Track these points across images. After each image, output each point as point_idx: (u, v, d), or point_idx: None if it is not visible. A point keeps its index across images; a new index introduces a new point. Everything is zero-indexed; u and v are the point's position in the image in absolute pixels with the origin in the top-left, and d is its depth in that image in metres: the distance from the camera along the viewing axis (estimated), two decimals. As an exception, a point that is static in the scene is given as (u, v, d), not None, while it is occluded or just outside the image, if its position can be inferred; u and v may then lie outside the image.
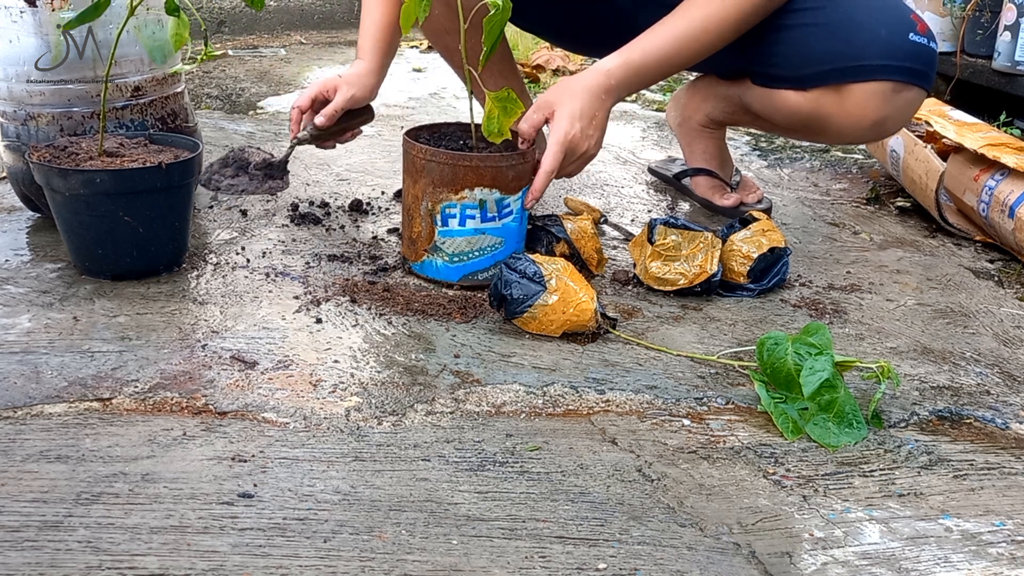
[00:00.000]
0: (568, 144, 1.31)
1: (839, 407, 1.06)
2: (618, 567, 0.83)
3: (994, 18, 2.29)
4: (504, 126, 1.24)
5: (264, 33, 3.38)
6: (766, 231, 1.40)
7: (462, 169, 1.27)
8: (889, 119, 1.43)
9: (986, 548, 0.88)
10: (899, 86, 1.39)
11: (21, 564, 0.79)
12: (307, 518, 0.87)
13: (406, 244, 1.38)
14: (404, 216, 1.37)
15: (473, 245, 1.32)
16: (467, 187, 1.28)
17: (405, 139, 1.33)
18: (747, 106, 1.62)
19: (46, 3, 1.38)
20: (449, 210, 1.29)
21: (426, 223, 1.32)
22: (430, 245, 1.33)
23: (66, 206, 1.30)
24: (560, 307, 1.21)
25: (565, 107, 1.32)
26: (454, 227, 1.30)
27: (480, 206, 1.29)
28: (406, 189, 1.34)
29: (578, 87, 1.33)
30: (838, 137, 1.52)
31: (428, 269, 1.35)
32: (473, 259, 1.33)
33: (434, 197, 1.29)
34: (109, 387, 1.07)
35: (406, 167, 1.34)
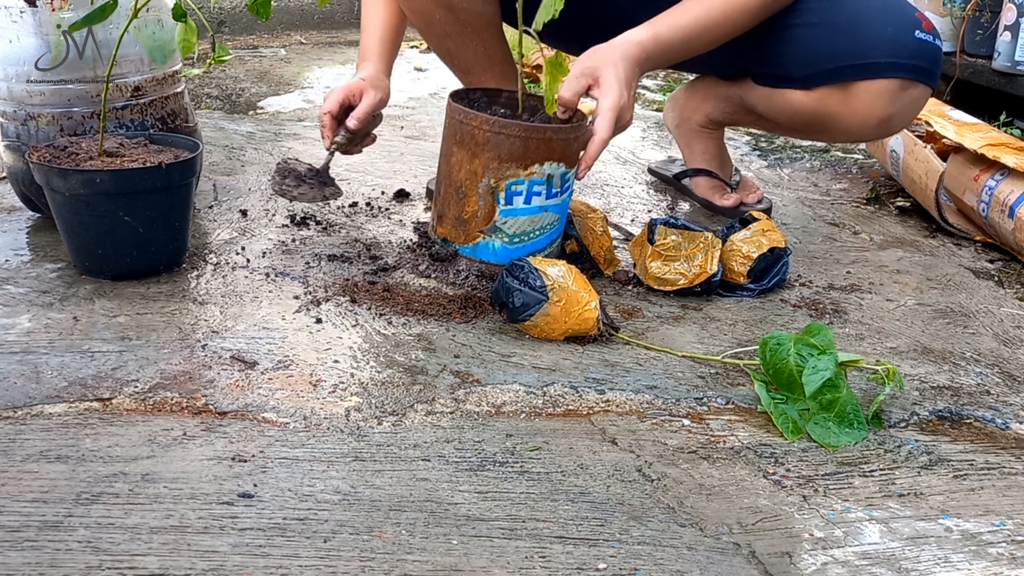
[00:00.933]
0: (618, 111, 1.25)
1: (840, 407, 1.06)
2: (618, 567, 0.83)
3: (994, 18, 2.29)
4: (554, 92, 1.18)
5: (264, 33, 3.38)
6: (766, 231, 1.40)
7: (534, 142, 1.19)
8: (895, 117, 1.44)
9: (986, 548, 0.88)
10: (906, 84, 1.39)
11: (21, 564, 0.79)
12: (307, 518, 0.87)
13: (451, 225, 1.28)
14: (448, 195, 1.27)
15: (535, 224, 1.24)
16: (537, 161, 1.20)
17: (462, 110, 1.22)
18: (749, 106, 1.62)
19: (46, 3, 1.38)
20: (515, 187, 1.21)
21: (485, 202, 1.22)
22: (488, 226, 1.24)
23: (66, 206, 1.30)
24: (562, 316, 1.20)
25: (610, 73, 1.26)
26: (518, 205, 1.22)
27: (547, 182, 1.21)
28: (457, 165, 1.24)
29: (617, 54, 1.29)
30: (843, 136, 1.52)
31: (483, 252, 1.27)
32: (533, 239, 1.26)
33: (499, 173, 1.20)
34: (109, 387, 1.07)
35: (460, 140, 1.23)
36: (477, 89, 1.36)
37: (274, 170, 1.48)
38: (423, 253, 1.47)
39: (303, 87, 2.65)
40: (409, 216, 1.65)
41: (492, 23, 1.63)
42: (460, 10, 1.55)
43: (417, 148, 2.10)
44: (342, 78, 2.74)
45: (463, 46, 1.65)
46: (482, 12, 1.59)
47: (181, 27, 1.24)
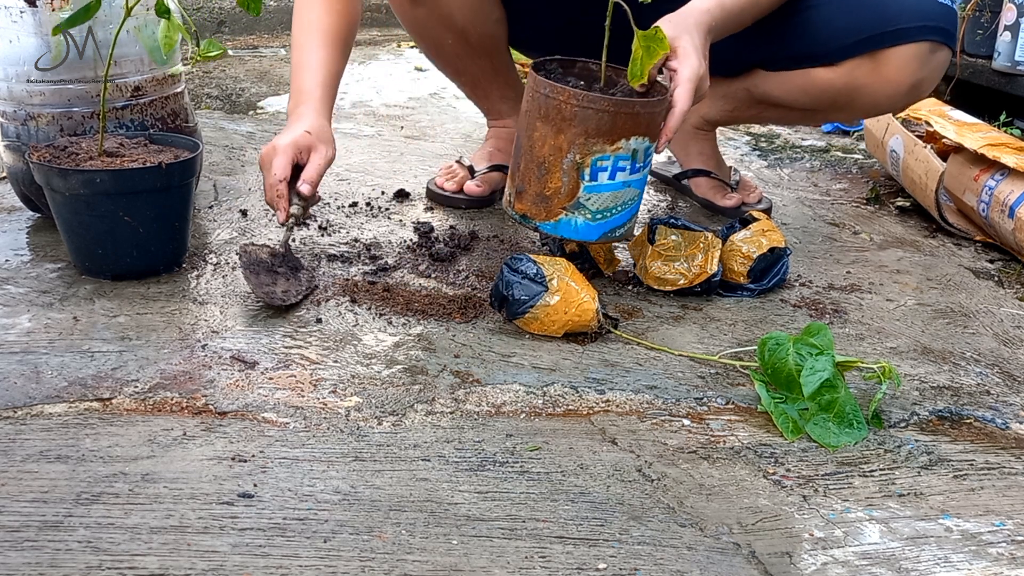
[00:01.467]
0: (698, 80, 1.22)
1: (839, 407, 1.06)
2: (618, 567, 0.83)
3: (994, 18, 2.29)
4: (645, 68, 1.15)
5: (264, 33, 3.38)
6: (766, 231, 1.40)
7: (622, 117, 1.15)
8: (925, 81, 1.45)
9: (986, 548, 0.88)
10: (934, 46, 1.41)
11: (21, 564, 0.79)
12: (307, 518, 0.87)
13: (531, 202, 1.24)
14: (529, 170, 1.23)
15: (618, 200, 1.21)
16: (624, 136, 1.17)
17: (547, 84, 1.18)
18: (761, 97, 1.61)
19: (46, 3, 1.38)
20: (601, 163, 1.18)
21: (569, 178, 1.19)
22: (571, 202, 1.21)
23: (66, 206, 1.30)
24: (562, 307, 1.21)
25: (687, 41, 1.23)
26: (603, 181, 1.19)
27: (632, 156, 1.19)
28: (540, 140, 1.20)
29: (691, 22, 1.26)
30: (869, 108, 1.52)
31: (564, 228, 1.24)
32: (615, 215, 1.23)
33: (585, 148, 1.17)
34: (109, 387, 1.07)
35: (545, 115, 1.19)
36: (552, 59, 1.30)
37: (241, 266, 1.29)
38: (423, 253, 1.47)
39: (303, 87, 2.65)
40: (409, 216, 1.65)
41: (502, 42, 1.64)
42: (472, 35, 1.56)
43: (417, 148, 2.10)
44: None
45: (471, 65, 1.65)
46: (493, 35, 1.60)
47: (164, 24, 1.23)
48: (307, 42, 1.40)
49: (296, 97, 1.38)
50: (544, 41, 1.67)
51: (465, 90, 1.76)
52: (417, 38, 1.63)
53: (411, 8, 1.53)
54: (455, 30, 1.55)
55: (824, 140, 2.34)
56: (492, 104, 1.76)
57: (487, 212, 1.70)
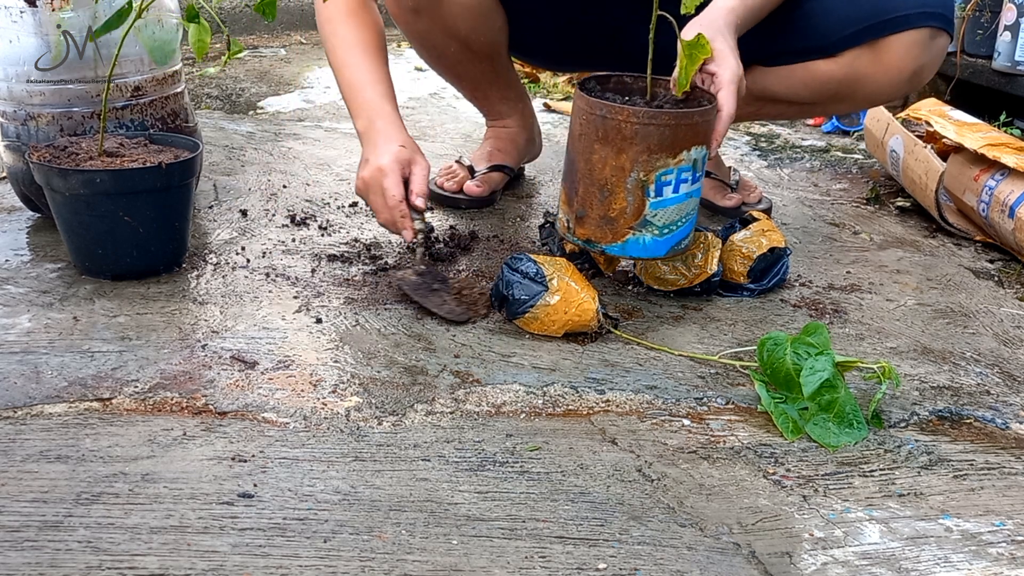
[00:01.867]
0: (739, 81, 1.22)
1: (839, 407, 1.06)
2: (618, 567, 0.83)
3: (994, 18, 2.29)
4: (689, 75, 1.15)
5: (264, 33, 3.38)
6: (766, 231, 1.40)
7: (683, 128, 1.14)
8: (926, 68, 1.45)
9: (986, 548, 0.88)
10: (935, 32, 1.41)
11: (21, 564, 0.79)
12: (307, 518, 0.87)
13: (595, 225, 1.22)
14: (590, 194, 1.21)
15: (682, 212, 1.20)
16: (685, 148, 1.16)
17: (604, 104, 1.16)
18: (760, 93, 1.61)
19: (46, 3, 1.38)
20: (665, 177, 1.17)
21: (634, 197, 1.18)
22: (638, 221, 1.19)
23: (66, 206, 1.30)
24: (562, 307, 1.21)
25: (722, 43, 1.22)
26: (668, 196, 1.18)
27: (693, 167, 1.18)
28: (600, 162, 1.18)
29: (721, 23, 1.25)
30: (870, 98, 1.52)
31: (633, 248, 1.22)
32: (679, 228, 1.22)
33: (649, 165, 1.15)
34: (109, 387, 1.07)
35: (603, 136, 1.17)
36: (590, 78, 1.28)
37: (410, 293, 1.28)
38: (423, 253, 1.47)
39: (303, 87, 2.65)
40: (409, 216, 1.65)
41: (503, 47, 1.64)
42: (474, 43, 1.56)
43: (417, 148, 2.10)
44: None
45: (472, 69, 1.65)
46: (495, 42, 1.60)
47: (195, 28, 1.23)
48: (353, 59, 1.40)
49: (366, 113, 1.37)
50: (544, 42, 1.67)
51: (465, 93, 1.76)
52: (418, 47, 1.63)
53: (414, 20, 1.52)
54: (458, 39, 1.54)
55: (824, 140, 2.34)
56: (492, 105, 1.76)
57: (487, 212, 1.70)
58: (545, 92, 2.79)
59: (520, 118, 1.77)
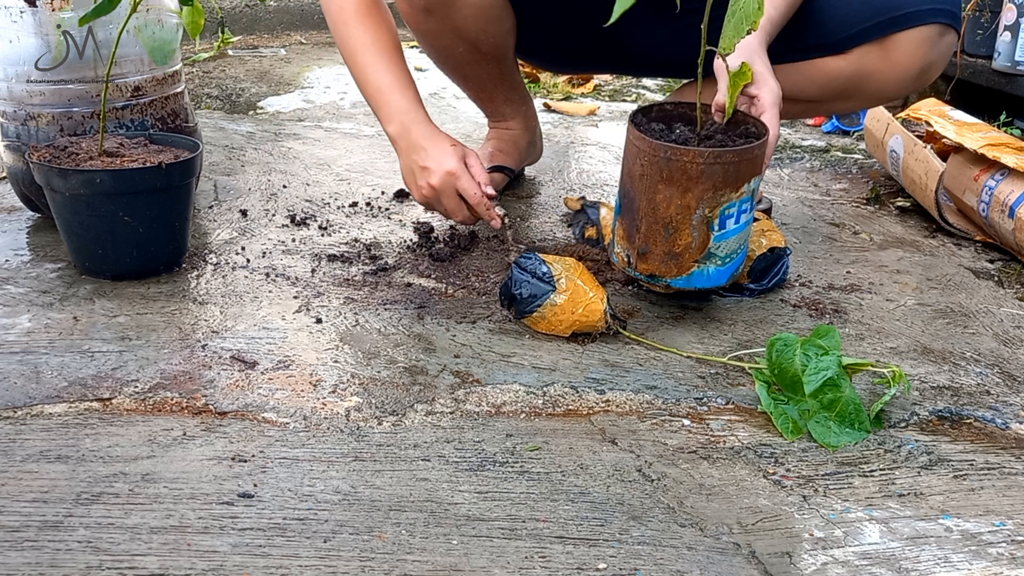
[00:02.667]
0: (779, 102, 1.23)
1: (841, 407, 1.06)
2: (618, 567, 0.83)
3: (994, 18, 2.29)
4: (733, 102, 1.16)
5: (264, 33, 3.38)
6: (766, 231, 1.40)
7: (746, 163, 1.16)
8: (934, 64, 1.45)
9: (986, 548, 0.88)
10: (943, 29, 1.41)
11: (21, 564, 0.79)
12: (307, 518, 0.87)
13: (659, 261, 1.22)
14: (654, 231, 1.21)
15: (741, 241, 1.22)
16: (746, 181, 1.17)
17: (667, 147, 1.16)
18: None
19: (46, 3, 1.38)
20: (729, 211, 1.18)
21: (699, 232, 1.18)
22: (703, 254, 1.20)
23: (66, 206, 1.30)
24: (569, 307, 1.21)
25: (761, 65, 1.23)
26: (731, 227, 1.19)
27: (751, 196, 1.19)
28: (664, 202, 1.18)
29: (756, 45, 1.25)
30: (877, 96, 1.52)
31: (698, 280, 1.23)
32: (739, 255, 1.24)
33: (714, 201, 1.17)
34: (109, 387, 1.07)
35: (668, 177, 1.17)
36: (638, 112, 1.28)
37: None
38: (423, 253, 1.47)
39: (303, 87, 2.65)
40: (409, 216, 1.65)
41: (511, 49, 1.64)
42: (483, 44, 1.56)
43: (417, 148, 2.10)
44: (342, 78, 2.74)
45: (479, 70, 1.66)
46: (504, 44, 1.60)
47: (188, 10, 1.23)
48: (375, 62, 1.40)
49: (399, 118, 1.38)
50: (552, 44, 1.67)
51: (470, 94, 1.76)
52: (427, 47, 1.63)
53: (424, 19, 1.52)
54: (467, 39, 1.54)
55: (824, 140, 2.34)
56: (496, 107, 1.77)
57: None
58: (545, 92, 2.79)
59: (523, 120, 1.77)
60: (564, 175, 1.95)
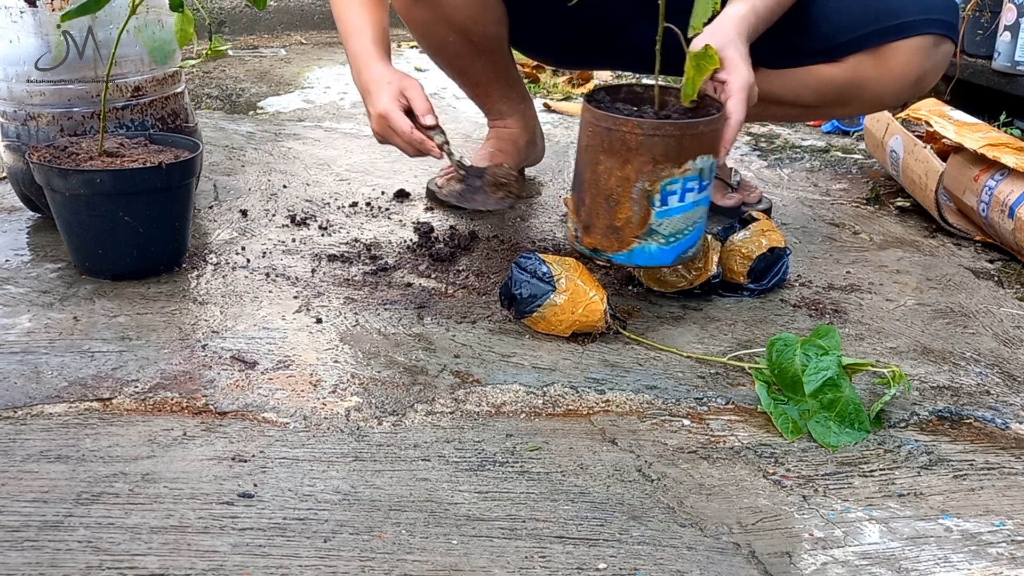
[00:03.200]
0: (749, 89, 1.22)
1: (841, 407, 1.06)
2: (618, 567, 0.83)
3: (994, 18, 2.29)
4: (697, 86, 1.15)
5: (264, 33, 3.38)
6: (766, 231, 1.40)
7: (688, 139, 1.14)
8: (929, 74, 1.45)
9: (986, 548, 0.88)
10: (938, 39, 1.41)
11: (21, 564, 0.79)
12: (307, 518, 0.87)
13: (600, 234, 1.22)
14: (597, 204, 1.21)
15: (688, 221, 1.21)
16: (690, 158, 1.15)
17: (608, 116, 1.16)
18: (764, 95, 1.59)
19: (46, 3, 1.38)
20: (671, 187, 1.17)
21: (639, 206, 1.17)
22: (643, 230, 1.19)
23: (66, 206, 1.30)
24: (569, 307, 1.21)
25: (733, 51, 1.23)
26: (673, 205, 1.18)
27: (700, 176, 1.18)
28: (606, 173, 1.18)
29: (733, 33, 1.25)
30: (873, 103, 1.52)
31: (639, 257, 1.22)
32: (686, 236, 1.22)
33: (654, 175, 1.15)
34: (109, 387, 1.07)
35: (607, 147, 1.17)
36: (599, 89, 1.29)
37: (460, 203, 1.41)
38: (423, 253, 1.47)
39: (303, 87, 2.65)
40: (409, 216, 1.65)
41: (503, 42, 1.64)
42: (473, 34, 1.56)
43: (417, 148, 2.10)
44: (342, 78, 2.74)
45: (473, 64, 1.66)
46: (496, 35, 1.60)
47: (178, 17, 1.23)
48: (349, 9, 1.44)
49: (356, 64, 1.42)
50: (547, 36, 1.67)
51: (467, 90, 1.77)
52: (419, 37, 1.63)
53: (412, 7, 1.53)
54: (456, 29, 1.55)
55: (824, 140, 2.34)
56: (493, 104, 1.77)
57: (487, 212, 1.70)
58: (545, 92, 2.79)
59: (521, 119, 1.77)
60: (564, 175, 1.95)
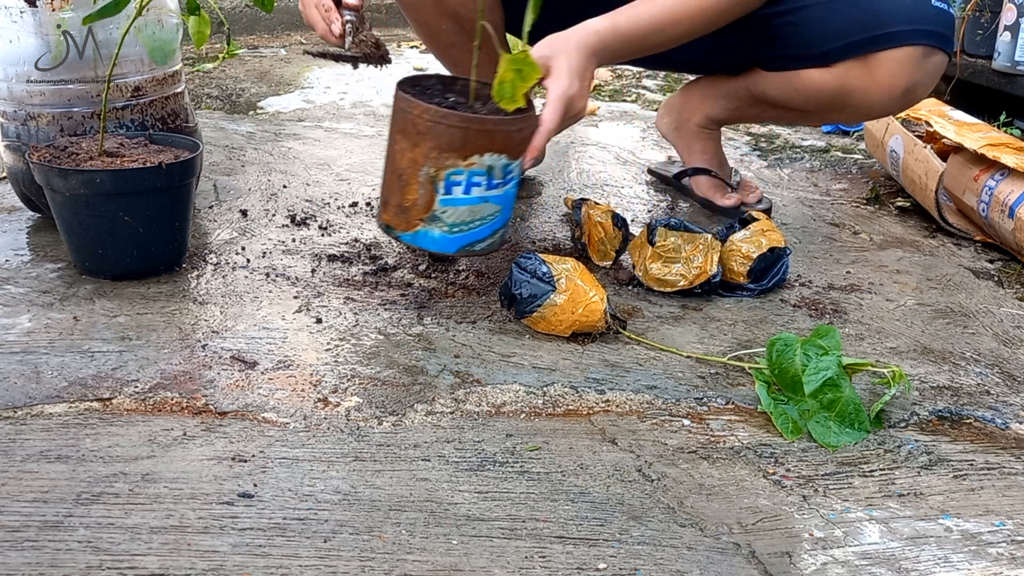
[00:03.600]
0: (567, 101, 1.24)
1: (841, 407, 1.06)
2: (618, 567, 0.83)
3: (994, 18, 2.29)
4: (518, 92, 1.15)
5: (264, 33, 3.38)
6: (766, 231, 1.40)
7: (474, 133, 1.16)
8: (919, 85, 1.44)
9: (986, 548, 0.88)
10: (928, 51, 1.40)
11: (21, 564, 0.79)
12: (307, 518, 0.87)
13: (393, 212, 1.24)
14: (392, 181, 1.23)
15: (475, 214, 1.22)
16: (477, 152, 1.18)
17: (404, 98, 1.19)
18: (760, 96, 1.61)
19: (46, 3, 1.38)
20: (455, 177, 1.19)
21: (425, 190, 1.19)
22: (427, 215, 1.21)
23: (66, 206, 1.30)
24: (569, 307, 1.21)
25: (562, 62, 1.24)
26: (458, 195, 1.20)
27: (488, 172, 1.20)
28: (399, 152, 1.21)
29: (572, 44, 1.27)
30: (864, 112, 1.51)
31: (423, 240, 1.23)
32: (473, 229, 1.24)
33: (438, 163, 1.17)
34: (109, 387, 1.07)
35: (401, 127, 1.20)
36: (432, 76, 1.32)
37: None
38: (423, 253, 1.47)
39: (303, 87, 2.65)
40: (409, 216, 1.65)
41: (498, 30, 1.64)
42: (466, 20, 1.56)
43: (417, 148, 2.10)
44: (342, 78, 2.74)
45: (468, 53, 1.65)
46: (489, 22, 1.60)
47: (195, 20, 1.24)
48: None
49: None
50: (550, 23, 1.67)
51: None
52: (414, 24, 1.64)
53: None
54: (449, 14, 1.54)
55: (824, 140, 2.34)
56: None
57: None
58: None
59: None
60: (564, 175, 1.95)
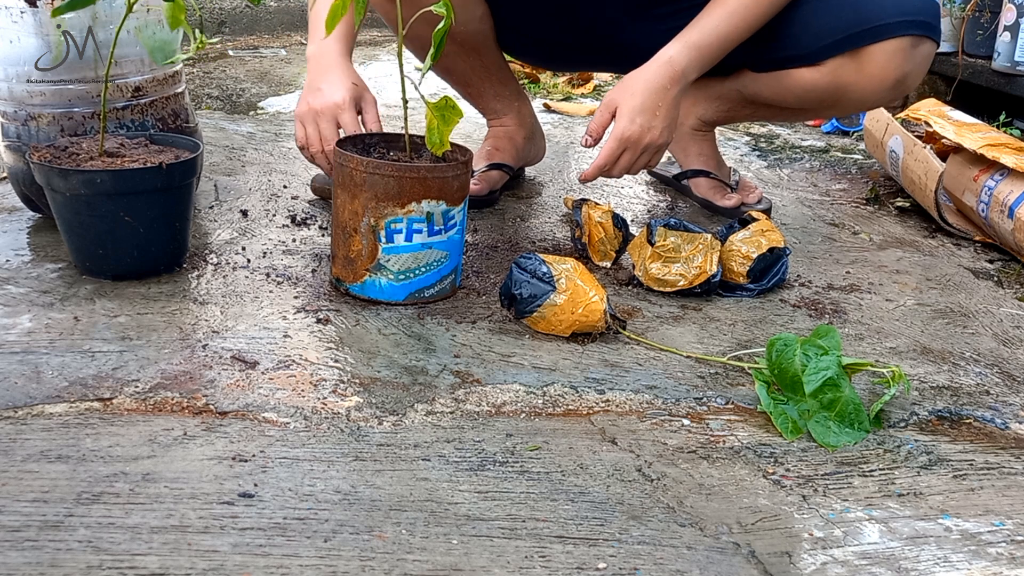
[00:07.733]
0: (625, 140, 1.35)
1: (841, 407, 1.06)
2: (618, 567, 0.83)
3: (994, 18, 2.30)
4: (444, 136, 1.20)
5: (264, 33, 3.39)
6: (765, 231, 1.40)
7: (408, 181, 1.22)
8: (910, 76, 1.45)
9: (986, 548, 0.88)
10: (916, 40, 1.42)
11: (21, 564, 0.79)
12: (307, 518, 0.87)
13: (340, 265, 1.30)
14: (338, 235, 1.29)
15: (420, 261, 1.27)
16: (414, 200, 1.23)
17: (341, 153, 1.25)
18: (751, 96, 1.62)
19: (46, 3, 1.38)
20: (395, 225, 1.24)
21: (368, 240, 1.25)
22: (372, 264, 1.26)
23: (66, 206, 1.30)
24: (569, 307, 1.21)
25: (626, 104, 1.36)
26: (400, 243, 1.25)
27: (427, 219, 1.24)
28: (340, 206, 1.27)
29: (639, 85, 1.36)
30: (857, 105, 1.53)
31: (371, 290, 1.29)
32: (420, 275, 1.28)
33: (377, 212, 1.23)
34: (110, 387, 1.07)
35: (341, 182, 1.26)
36: (376, 134, 1.39)
37: None
38: None
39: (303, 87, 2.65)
40: (409, 216, 1.65)
41: (488, 40, 1.64)
42: (457, 32, 1.56)
43: (417, 148, 2.10)
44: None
45: (460, 63, 1.66)
46: (479, 31, 1.60)
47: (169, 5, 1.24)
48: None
49: (321, 44, 1.46)
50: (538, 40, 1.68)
51: (459, 89, 1.76)
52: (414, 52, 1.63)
53: (391, 5, 1.53)
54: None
55: (824, 140, 2.34)
56: (487, 103, 1.76)
57: (487, 212, 1.70)
58: (545, 92, 2.79)
59: (517, 116, 1.77)
60: (564, 175, 1.95)
